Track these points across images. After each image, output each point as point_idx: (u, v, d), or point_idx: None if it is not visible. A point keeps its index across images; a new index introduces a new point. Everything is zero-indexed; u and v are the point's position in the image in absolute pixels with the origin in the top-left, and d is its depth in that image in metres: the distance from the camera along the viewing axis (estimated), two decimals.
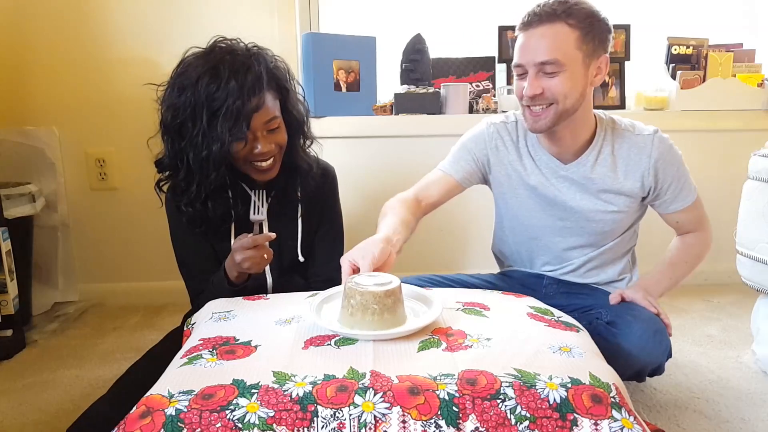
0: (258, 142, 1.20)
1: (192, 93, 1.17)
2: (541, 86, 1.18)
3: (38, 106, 2.04)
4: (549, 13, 1.15)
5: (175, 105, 1.19)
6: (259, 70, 1.19)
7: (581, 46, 1.17)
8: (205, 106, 1.16)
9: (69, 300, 2.12)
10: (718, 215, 2.16)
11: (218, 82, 1.15)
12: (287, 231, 1.34)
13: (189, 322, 1.19)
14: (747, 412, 1.31)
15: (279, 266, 1.35)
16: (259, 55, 1.23)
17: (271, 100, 1.21)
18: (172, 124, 1.20)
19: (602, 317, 1.26)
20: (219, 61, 1.17)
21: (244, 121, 1.16)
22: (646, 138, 1.29)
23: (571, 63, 1.17)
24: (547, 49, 1.16)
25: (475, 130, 1.43)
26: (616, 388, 0.82)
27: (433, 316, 1.00)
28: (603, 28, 1.20)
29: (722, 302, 2.04)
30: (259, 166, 1.23)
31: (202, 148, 1.18)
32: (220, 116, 1.15)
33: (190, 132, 1.19)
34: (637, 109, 2.25)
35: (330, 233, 1.42)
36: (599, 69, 1.22)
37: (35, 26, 1.99)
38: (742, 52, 2.22)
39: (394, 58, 2.20)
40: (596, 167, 1.31)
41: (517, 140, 1.38)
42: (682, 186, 1.33)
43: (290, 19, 2.04)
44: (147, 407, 0.78)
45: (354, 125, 2.10)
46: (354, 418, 0.76)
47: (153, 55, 2.02)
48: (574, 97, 1.20)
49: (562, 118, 1.22)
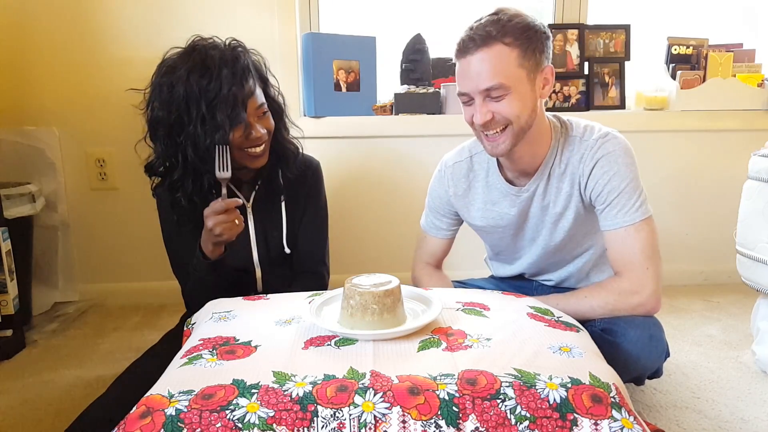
0: (253, 127, 1.25)
1: (184, 88, 1.19)
2: (490, 111, 1.15)
3: (38, 106, 2.04)
4: (483, 36, 1.11)
5: (167, 102, 1.21)
6: (245, 60, 1.25)
7: (523, 63, 1.12)
8: (201, 97, 1.19)
9: (69, 300, 2.12)
10: (718, 215, 2.18)
11: (210, 74, 1.19)
12: (273, 224, 1.38)
13: (189, 322, 1.19)
14: (747, 412, 1.31)
15: (267, 258, 1.38)
16: (240, 47, 1.28)
17: (257, 88, 1.27)
18: (166, 122, 1.22)
19: (596, 325, 1.22)
20: (205, 56, 1.21)
21: (242, 106, 1.20)
22: (590, 143, 1.21)
23: (516, 83, 1.13)
24: (489, 75, 1.11)
25: (432, 185, 1.44)
26: (616, 388, 0.82)
27: (432, 316, 1.00)
28: (541, 38, 1.15)
29: (722, 302, 2.04)
30: (253, 152, 1.27)
31: (204, 138, 1.20)
32: (217, 105, 1.18)
33: (187, 126, 1.21)
34: (637, 109, 2.25)
35: (314, 222, 1.43)
36: (546, 80, 1.18)
37: (35, 26, 1.99)
38: (742, 52, 2.22)
39: (394, 58, 2.20)
40: (551, 180, 1.26)
41: (471, 178, 1.36)
42: (626, 198, 1.18)
43: (290, 19, 2.04)
44: (147, 407, 0.78)
45: (354, 125, 2.10)
46: (354, 418, 0.76)
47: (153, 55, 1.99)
48: (526, 115, 1.16)
49: (520, 137, 1.18)
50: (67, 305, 2.08)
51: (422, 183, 2.15)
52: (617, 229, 1.19)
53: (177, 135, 1.23)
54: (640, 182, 1.21)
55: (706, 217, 2.22)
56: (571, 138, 1.25)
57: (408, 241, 2.21)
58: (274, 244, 1.38)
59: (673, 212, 2.22)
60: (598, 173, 1.20)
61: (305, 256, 1.42)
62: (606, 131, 1.23)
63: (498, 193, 1.33)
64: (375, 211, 2.18)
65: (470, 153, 1.36)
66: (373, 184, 2.16)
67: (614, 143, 1.20)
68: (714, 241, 2.18)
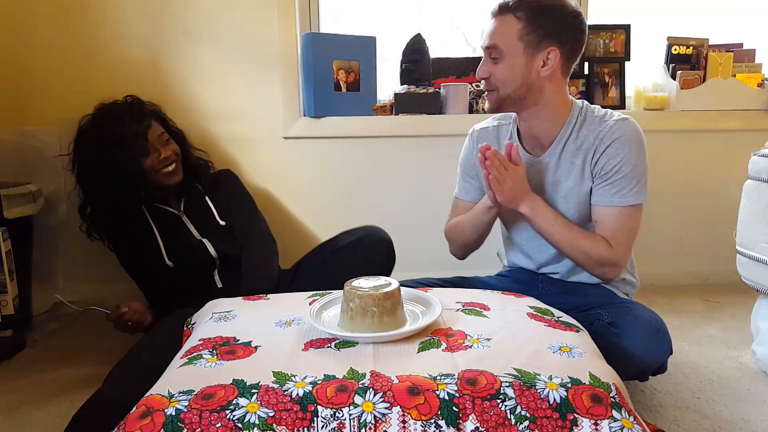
0: (159, 150, 1.58)
1: (96, 140, 1.55)
2: (488, 70, 1.29)
3: (38, 106, 2.04)
4: (502, 6, 1.27)
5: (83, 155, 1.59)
6: (139, 103, 1.66)
7: (523, 37, 1.25)
8: (110, 141, 1.52)
9: (69, 300, 2.12)
10: (718, 215, 2.18)
11: (114, 121, 1.55)
12: (205, 215, 1.69)
13: (189, 322, 1.19)
14: (747, 412, 1.31)
15: (211, 234, 1.65)
16: (136, 98, 1.67)
17: (155, 123, 1.62)
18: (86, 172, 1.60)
19: (603, 318, 1.26)
20: (108, 112, 1.59)
21: (143, 138, 1.55)
22: (609, 123, 1.29)
23: (511, 52, 1.26)
24: (491, 36, 1.27)
25: (463, 150, 1.52)
26: (616, 388, 0.82)
27: (432, 318, 1.00)
28: (555, 22, 1.25)
29: (722, 302, 2.04)
30: (166, 171, 1.59)
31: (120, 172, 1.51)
32: (124, 142, 1.52)
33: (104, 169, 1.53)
34: (637, 109, 2.25)
35: (242, 207, 1.75)
36: (547, 59, 1.26)
37: (35, 26, 1.99)
38: (742, 52, 2.22)
39: (394, 58, 2.20)
40: (563, 155, 1.33)
41: (498, 144, 1.42)
42: (627, 181, 1.26)
43: (290, 19, 2.04)
44: (147, 407, 0.78)
45: (354, 125, 2.10)
46: (354, 418, 0.76)
47: (153, 55, 2.02)
48: (513, 85, 1.27)
49: (506, 104, 1.31)
50: (67, 305, 2.08)
51: (423, 183, 2.16)
52: (611, 207, 1.28)
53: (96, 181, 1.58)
54: (645, 169, 1.29)
55: (706, 217, 2.22)
56: (591, 117, 1.33)
57: (408, 241, 2.21)
58: (211, 225, 1.67)
59: (673, 212, 2.22)
60: (611, 152, 1.27)
61: (249, 232, 1.70)
62: (625, 116, 1.31)
63: None
64: (375, 211, 2.17)
65: (497, 123, 1.47)
66: (373, 185, 2.16)
67: (632, 128, 1.29)
68: (714, 241, 2.18)
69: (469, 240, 1.45)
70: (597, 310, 1.30)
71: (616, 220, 1.28)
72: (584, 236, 1.29)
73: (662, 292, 2.13)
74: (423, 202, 2.15)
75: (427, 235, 2.12)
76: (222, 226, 1.67)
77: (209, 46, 2.01)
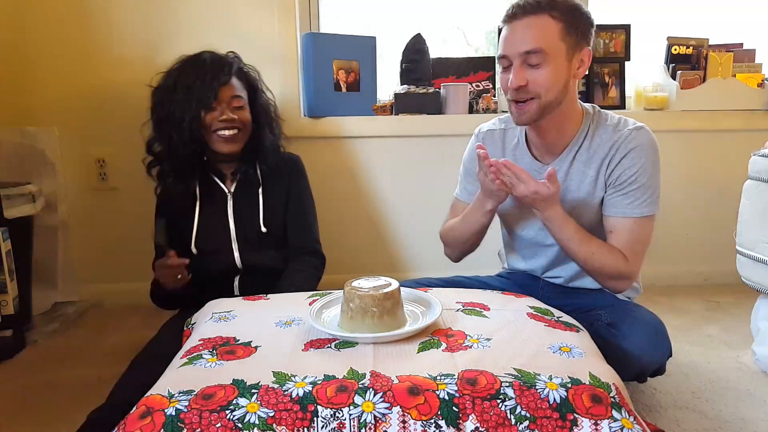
0: (224, 111, 1.44)
1: (174, 79, 1.44)
2: (525, 78, 1.18)
3: (38, 106, 2.04)
4: (533, 5, 1.17)
5: (161, 91, 1.46)
6: (230, 61, 1.49)
7: (565, 37, 1.18)
8: (181, 84, 1.43)
9: (69, 300, 2.12)
10: (718, 215, 2.18)
11: (195, 67, 1.44)
12: (250, 208, 1.53)
13: (189, 322, 1.19)
14: (747, 412, 1.31)
15: (244, 238, 1.51)
16: (233, 55, 1.53)
17: (237, 84, 1.48)
18: (158, 110, 1.46)
19: (603, 319, 1.26)
20: (199, 56, 1.47)
21: (210, 91, 1.42)
22: (624, 133, 1.25)
23: (555, 54, 1.18)
24: (532, 39, 1.16)
25: (468, 147, 1.47)
26: (616, 388, 0.82)
27: (432, 318, 1.00)
28: (585, 22, 1.21)
29: (722, 302, 2.04)
30: (223, 134, 1.44)
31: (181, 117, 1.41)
32: (194, 88, 1.41)
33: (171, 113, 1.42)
34: (637, 109, 2.25)
35: (299, 208, 1.59)
36: (582, 62, 1.22)
37: (35, 26, 1.99)
38: (742, 52, 2.22)
39: (394, 58, 2.20)
40: (574, 164, 1.29)
41: (504, 147, 1.39)
42: (641, 192, 1.23)
43: (290, 19, 2.04)
44: (147, 407, 0.78)
45: (354, 125, 2.10)
46: (354, 418, 0.76)
47: (153, 55, 2.02)
48: (556, 90, 1.20)
49: (547, 111, 1.22)
50: (67, 305, 2.08)
51: (423, 183, 2.16)
52: (626, 217, 1.24)
53: (165, 120, 1.44)
54: (659, 179, 1.26)
55: (706, 217, 2.22)
56: (604, 126, 1.28)
57: (408, 241, 2.22)
58: (250, 226, 1.52)
59: (673, 212, 2.22)
60: (627, 163, 1.23)
61: (299, 240, 1.57)
62: (640, 125, 1.27)
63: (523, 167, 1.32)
64: (375, 211, 2.18)
65: (504, 126, 1.42)
66: (373, 185, 2.16)
67: (647, 137, 1.25)
68: (714, 241, 2.18)
69: (464, 243, 1.42)
70: (597, 311, 1.30)
71: (630, 231, 1.24)
72: (602, 251, 1.23)
73: (662, 292, 2.13)
74: (423, 202, 2.15)
75: (427, 235, 2.11)
76: (261, 234, 1.51)
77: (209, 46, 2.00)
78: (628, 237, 1.24)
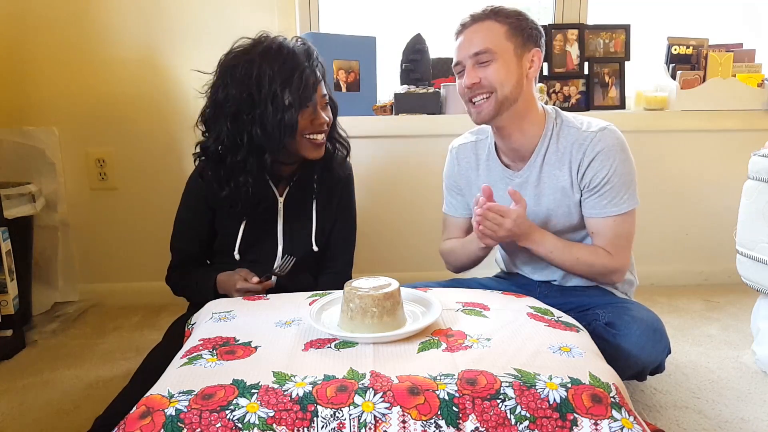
0: (319, 113, 1.30)
1: (258, 69, 1.22)
2: (477, 75, 1.26)
3: (38, 106, 2.04)
4: (480, 14, 1.28)
5: (239, 82, 1.23)
6: (316, 53, 1.31)
7: (510, 38, 1.26)
8: (275, 77, 1.22)
9: (69, 300, 2.12)
10: (718, 215, 2.18)
11: (283, 58, 1.24)
12: (301, 222, 1.40)
13: (189, 322, 1.19)
14: (747, 412, 1.31)
15: (291, 254, 1.38)
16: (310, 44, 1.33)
17: (323, 82, 1.32)
18: (236, 102, 1.24)
19: (600, 318, 1.26)
20: (279, 44, 1.26)
21: (312, 89, 1.26)
22: (589, 135, 1.27)
23: (503, 52, 1.25)
24: (479, 41, 1.26)
25: (446, 167, 1.50)
26: (616, 388, 0.82)
27: (432, 318, 1.00)
28: (531, 25, 1.28)
29: (722, 302, 2.04)
30: (315, 140, 1.31)
31: (273, 117, 1.23)
32: (290, 84, 1.22)
33: (256, 107, 1.23)
34: (637, 109, 2.25)
35: (345, 228, 1.48)
36: (532, 61, 1.28)
37: (35, 26, 1.99)
38: (742, 52, 2.22)
39: (394, 58, 2.20)
40: (544, 167, 1.32)
41: (477, 159, 1.43)
42: (616, 191, 1.26)
43: (290, 19, 2.04)
44: (147, 407, 0.78)
45: (354, 125, 2.08)
46: (354, 418, 0.76)
47: (153, 55, 2.02)
48: (510, 85, 1.26)
49: (504, 107, 1.27)
50: (67, 305, 2.08)
51: (423, 183, 2.16)
52: (605, 218, 1.28)
53: (246, 114, 1.24)
54: (633, 175, 1.29)
55: (706, 217, 2.22)
56: (568, 126, 1.31)
57: (408, 240, 2.22)
58: (299, 241, 1.40)
59: (673, 212, 2.22)
60: (597, 166, 1.26)
61: (336, 258, 1.47)
62: (604, 125, 1.29)
63: (496, 176, 1.39)
64: (375, 211, 2.17)
65: (476, 138, 1.46)
66: (373, 185, 2.16)
67: (612, 136, 1.27)
68: (714, 241, 2.18)
69: (463, 266, 1.46)
70: (595, 311, 1.30)
71: (611, 230, 1.28)
72: (585, 253, 1.28)
73: (662, 292, 2.13)
74: (423, 202, 2.15)
75: (427, 236, 2.12)
76: (313, 253, 1.39)
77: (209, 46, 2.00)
78: (610, 235, 1.28)
